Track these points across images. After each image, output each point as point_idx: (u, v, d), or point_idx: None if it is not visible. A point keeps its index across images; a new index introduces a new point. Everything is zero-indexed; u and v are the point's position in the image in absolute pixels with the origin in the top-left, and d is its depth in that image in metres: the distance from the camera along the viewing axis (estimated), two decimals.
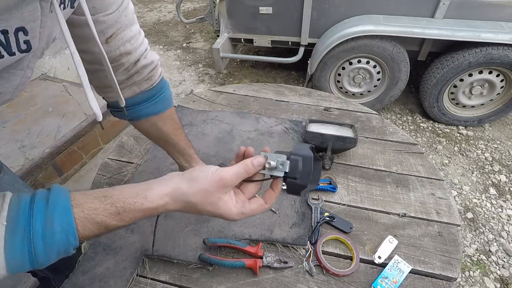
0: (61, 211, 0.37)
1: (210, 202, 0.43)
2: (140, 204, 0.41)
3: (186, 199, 0.42)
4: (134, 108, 0.64)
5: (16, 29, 0.35)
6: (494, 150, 2.14)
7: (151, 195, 0.41)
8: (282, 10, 2.24)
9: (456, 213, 0.79)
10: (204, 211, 0.43)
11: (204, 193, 0.42)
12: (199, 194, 0.42)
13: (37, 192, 0.39)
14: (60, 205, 0.37)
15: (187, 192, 0.42)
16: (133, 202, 0.40)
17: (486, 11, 1.89)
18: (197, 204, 0.43)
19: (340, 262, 0.70)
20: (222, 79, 2.97)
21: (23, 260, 0.35)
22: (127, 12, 0.55)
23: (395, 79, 2.18)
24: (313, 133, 0.92)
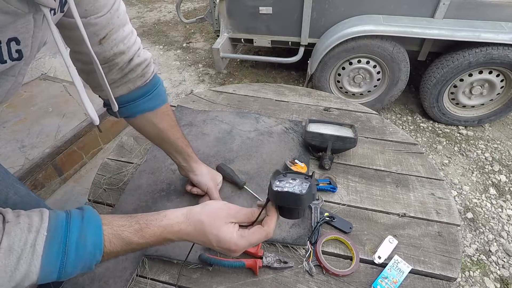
0: (93, 227, 0.42)
1: (216, 225, 0.47)
2: (159, 221, 0.46)
3: (199, 218, 0.48)
4: (129, 104, 0.65)
5: (9, 39, 0.37)
6: (494, 150, 2.14)
7: (170, 214, 0.48)
8: (282, 10, 2.24)
9: (456, 213, 0.79)
10: (210, 234, 0.47)
11: (213, 215, 0.48)
12: (209, 216, 0.48)
13: (71, 210, 0.44)
14: (93, 222, 0.42)
15: (200, 212, 0.48)
16: (154, 219, 0.46)
17: (486, 11, 1.89)
18: (206, 224, 0.47)
19: (340, 262, 0.70)
20: (222, 79, 2.97)
21: (54, 270, 0.39)
22: (119, 13, 0.56)
23: (395, 79, 2.18)
24: (313, 133, 0.92)
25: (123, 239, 0.44)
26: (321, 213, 0.77)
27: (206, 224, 0.47)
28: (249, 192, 0.82)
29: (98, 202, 0.82)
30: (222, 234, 0.47)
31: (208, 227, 0.47)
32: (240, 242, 0.47)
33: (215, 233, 0.47)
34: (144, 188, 0.84)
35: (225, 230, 0.47)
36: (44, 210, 0.41)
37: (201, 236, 0.48)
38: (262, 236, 0.48)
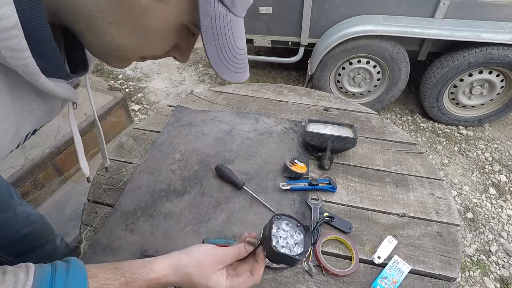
0: (78, 281, 0.42)
1: (205, 275, 0.46)
2: (146, 274, 0.45)
3: (186, 270, 0.47)
4: None
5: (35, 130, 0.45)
6: (494, 150, 2.14)
7: (156, 266, 0.47)
8: (282, 10, 2.24)
9: (455, 213, 0.79)
10: (199, 284, 0.47)
11: (201, 266, 0.47)
12: (197, 267, 0.47)
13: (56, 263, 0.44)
14: (78, 276, 0.42)
15: (187, 263, 0.47)
16: (139, 272, 0.45)
17: (486, 11, 1.89)
18: (194, 276, 0.46)
19: (339, 262, 0.70)
20: (222, 79, 2.97)
21: None
22: None
23: (395, 79, 2.18)
24: (312, 133, 0.92)
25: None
26: (320, 213, 0.77)
27: (194, 276, 0.47)
28: (248, 193, 0.82)
29: (97, 202, 0.82)
30: (211, 283, 0.47)
31: (197, 278, 0.47)
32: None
33: (204, 283, 0.47)
34: (144, 188, 0.84)
35: (215, 280, 0.47)
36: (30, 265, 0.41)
37: (190, 284, 0.47)
38: (251, 284, 0.49)
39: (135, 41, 0.38)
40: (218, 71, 0.40)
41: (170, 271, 0.47)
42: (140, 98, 2.76)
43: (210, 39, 0.37)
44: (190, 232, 0.74)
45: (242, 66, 0.43)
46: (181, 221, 0.76)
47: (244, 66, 0.44)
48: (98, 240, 0.72)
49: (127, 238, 0.72)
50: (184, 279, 0.47)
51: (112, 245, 0.71)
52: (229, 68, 0.41)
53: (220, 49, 0.38)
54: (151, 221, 0.76)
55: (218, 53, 0.39)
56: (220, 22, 0.36)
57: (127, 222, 0.76)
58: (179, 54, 0.44)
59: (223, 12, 0.36)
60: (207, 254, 0.48)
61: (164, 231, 0.74)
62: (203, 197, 0.82)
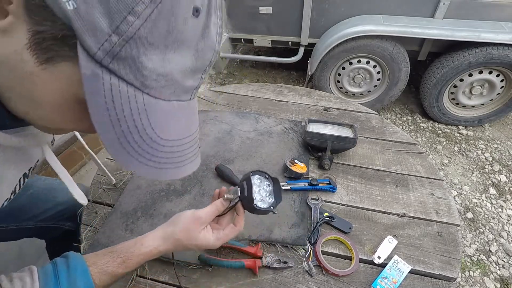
0: (81, 273, 0.45)
1: (192, 236, 0.52)
2: (138, 250, 0.51)
3: (175, 237, 0.52)
4: None
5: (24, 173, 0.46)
6: (494, 150, 2.14)
7: (146, 241, 0.52)
8: (282, 10, 2.24)
9: (455, 213, 0.79)
10: (189, 245, 0.52)
11: (186, 231, 0.52)
12: (183, 232, 0.52)
13: (56, 260, 0.47)
14: (79, 268, 0.46)
15: (174, 231, 0.52)
16: (133, 250, 0.51)
17: (486, 11, 1.89)
18: (183, 240, 0.52)
19: (339, 262, 0.70)
20: (222, 79, 2.97)
21: None
22: None
23: (395, 79, 2.18)
24: (312, 133, 0.92)
25: (109, 273, 0.48)
26: (320, 213, 0.77)
27: (183, 240, 0.52)
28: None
29: (97, 202, 0.82)
30: (200, 241, 0.52)
31: (186, 241, 0.52)
32: (217, 243, 0.54)
33: (193, 243, 0.52)
34: (144, 188, 0.84)
35: (202, 238, 0.52)
36: (33, 268, 0.44)
37: (182, 248, 0.53)
38: (236, 233, 0.55)
39: (35, 112, 0.32)
40: (123, 163, 0.31)
41: (160, 242, 0.52)
42: None
43: (105, 125, 0.28)
44: None
45: (172, 161, 0.33)
46: None
47: (175, 161, 0.34)
48: (98, 240, 0.72)
49: (127, 238, 0.72)
50: (175, 245, 0.52)
51: (112, 245, 0.71)
52: (142, 162, 0.31)
53: (123, 137, 0.29)
54: (151, 221, 0.76)
55: (121, 141, 0.29)
56: (122, 104, 0.28)
57: (127, 222, 0.76)
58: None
59: (127, 91, 0.28)
60: (190, 218, 0.53)
61: None
62: (203, 197, 0.82)
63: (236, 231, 0.55)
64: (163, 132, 0.32)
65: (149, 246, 0.51)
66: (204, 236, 0.52)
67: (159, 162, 0.32)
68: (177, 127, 0.33)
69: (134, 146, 0.30)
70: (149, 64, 0.27)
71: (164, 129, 0.32)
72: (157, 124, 0.31)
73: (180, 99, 0.32)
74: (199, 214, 0.53)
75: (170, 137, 0.33)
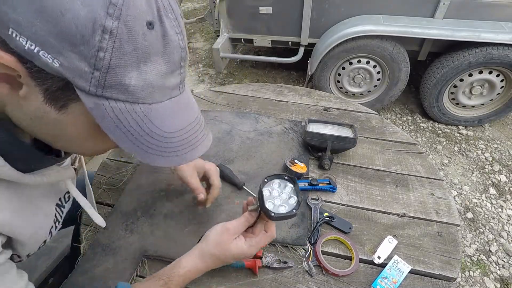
0: None
1: (224, 248, 0.54)
2: (177, 271, 0.54)
3: (209, 253, 0.55)
4: None
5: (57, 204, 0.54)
6: (494, 150, 2.14)
7: (184, 262, 0.55)
8: (282, 10, 2.24)
9: (455, 213, 0.79)
10: (225, 257, 0.55)
11: (218, 244, 0.54)
12: (216, 246, 0.55)
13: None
14: None
15: (208, 248, 0.55)
16: (172, 272, 0.54)
17: (486, 11, 1.89)
18: (217, 254, 0.54)
19: (339, 262, 0.70)
20: (222, 79, 2.97)
21: None
22: None
23: (395, 79, 2.18)
24: (312, 133, 0.92)
25: None
26: (320, 213, 0.77)
27: (218, 254, 0.55)
28: (248, 193, 0.82)
29: (98, 202, 0.82)
30: (233, 251, 0.54)
31: (222, 256, 0.55)
32: (250, 250, 0.55)
33: (228, 255, 0.54)
34: (144, 188, 0.84)
35: (234, 247, 0.54)
36: None
37: (220, 262, 0.56)
38: (269, 239, 0.56)
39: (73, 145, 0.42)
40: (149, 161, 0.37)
41: (198, 261, 0.55)
42: None
43: (121, 138, 0.35)
44: (190, 232, 0.74)
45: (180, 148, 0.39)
46: (181, 221, 0.76)
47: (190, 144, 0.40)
48: (98, 240, 0.72)
49: (127, 238, 0.72)
50: (212, 260, 0.55)
51: (112, 245, 0.71)
52: (161, 155, 0.37)
53: (138, 142, 0.36)
54: (151, 221, 0.76)
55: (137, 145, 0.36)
56: (126, 118, 0.34)
57: (127, 222, 0.76)
58: None
59: (125, 107, 0.33)
60: (219, 232, 0.55)
61: (164, 231, 0.74)
62: None
63: (268, 237, 0.57)
64: (167, 126, 0.37)
65: (187, 266, 0.55)
66: (236, 245, 0.54)
67: (176, 151, 0.38)
68: (178, 119, 0.39)
69: (149, 145, 0.36)
70: (131, 81, 0.32)
71: (167, 124, 0.37)
72: (160, 123, 0.36)
73: (171, 96, 0.37)
74: (228, 226, 0.56)
75: (176, 129, 0.38)
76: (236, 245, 0.54)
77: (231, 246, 0.54)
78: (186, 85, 0.40)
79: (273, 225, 0.57)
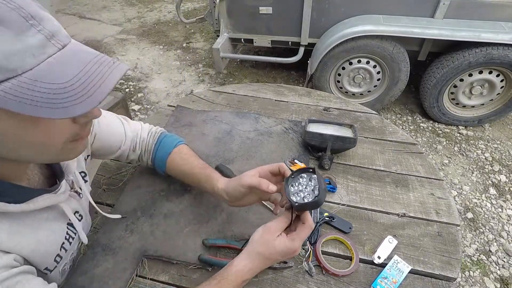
0: None
1: (269, 246, 0.56)
2: (229, 271, 0.56)
3: (256, 252, 0.57)
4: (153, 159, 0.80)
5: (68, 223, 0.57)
6: (494, 150, 2.14)
7: (235, 262, 0.57)
8: (282, 10, 2.24)
9: (455, 213, 0.79)
10: (271, 255, 0.56)
11: (263, 243, 0.57)
12: (261, 246, 0.57)
13: None
14: None
15: (254, 248, 0.57)
16: (225, 272, 0.57)
17: (486, 11, 1.89)
18: (264, 252, 0.56)
19: (339, 262, 0.70)
20: (222, 79, 2.97)
21: None
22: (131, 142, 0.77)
23: (395, 79, 2.18)
24: (312, 133, 0.92)
25: None
26: (320, 213, 0.77)
27: (264, 253, 0.56)
28: None
29: (98, 202, 0.82)
30: (279, 248, 0.55)
31: (267, 253, 0.56)
32: (294, 244, 0.55)
33: (273, 252, 0.56)
34: (144, 188, 0.84)
35: (278, 245, 0.55)
36: None
37: (267, 261, 0.58)
38: (307, 230, 0.57)
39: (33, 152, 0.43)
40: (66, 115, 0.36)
41: (247, 261, 0.57)
42: (140, 98, 2.76)
43: (35, 109, 0.34)
44: (190, 232, 0.74)
45: (93, 83, 0.38)
46: (181, 221, 0.76)
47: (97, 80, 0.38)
48: (98, 240, 0.72)
49: (127, 238, 0.72)
50: (260, 260, 0.57)
51: (112, 245, 0.71)
52: (78, 103, 0.36)
53: (48, 103, 0.35)
54: (151, 221, 0.76)
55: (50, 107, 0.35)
56: (21, 92, 0.34)
57: (127, 222, 0.76)
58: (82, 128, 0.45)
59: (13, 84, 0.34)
60: (263, 232, 0.58)
61: (164, 231, 0.74)
62: (203, 197, 0.81)
63: (306, 227, 0.57)
64: (62, 78, 0.36)
65: (237, 266, 0.57)
66: (279, 241, 0.56)
67: (87, 91, 0.37)
68: (71, 66, 0.38)
69: (59, 102, 0.35)
70: None
71: (60, 76, 0.36)
72: (53, 79, 0.36)
73: (49, 54, 0.36)
74: (269, 225, 0.58)
75: (72, 75, 0.37)
76: (279, 241, 0.56)
77: (275, 243, 0.55)
78: (65, 40, 0.39)
79: (307, 216, 0.58)
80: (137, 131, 0.79)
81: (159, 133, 0.81)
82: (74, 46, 0.40)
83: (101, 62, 0.40)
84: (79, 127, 0.44)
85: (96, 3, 4.72)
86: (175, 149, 0.78)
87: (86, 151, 0.68)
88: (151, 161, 0.80)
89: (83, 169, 0.65)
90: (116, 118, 0.76)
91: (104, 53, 0.50)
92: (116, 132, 0.74)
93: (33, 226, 0.48)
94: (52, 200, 0.51)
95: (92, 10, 4.50)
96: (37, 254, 0.48)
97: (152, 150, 0.79)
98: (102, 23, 4.13)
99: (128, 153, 0.78)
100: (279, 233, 0.57)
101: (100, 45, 3.55)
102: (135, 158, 0.80)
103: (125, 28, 3.98)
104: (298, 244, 0.56)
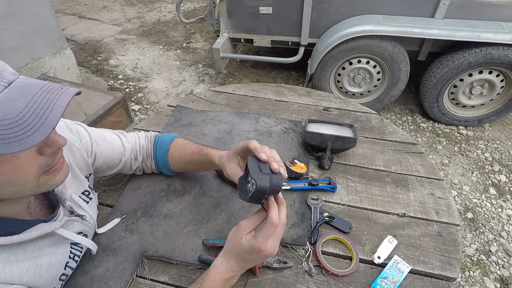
0: None
1: (238, 244, 0.55)
2: (209, 270, 0.58)
3: (229, 249, 0.58)
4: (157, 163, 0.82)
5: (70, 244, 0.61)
6: (494, 150, 2.14)
7: (214, 261, 0.59)
8: (282, 10, 2.24)
9: (455, 213, 0.79)
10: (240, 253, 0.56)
11: (235, 244, 0.56)
12: (233, 244, 0.57)
13: None
14: None
15: (227, 247, 0.59)
16: (206, 272, 0.58)
17: (486, 11, 1.89)
18: (234, 250, 0.57)
19: (339, 262, 0.70)
20: (222, 79, 2.97)
21: None
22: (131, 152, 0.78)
23: (395, 79, 2.18)
24: (312, 133, 0.92)
25: None
26: (320, 213, 0.77)
27: (235, 251, 0.57)
28: None
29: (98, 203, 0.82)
30: (245, 246, 0.54)
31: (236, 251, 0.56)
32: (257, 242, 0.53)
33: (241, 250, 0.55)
34: (144, 188, 0.84)
35: (245, 242, 0.55)
36: None
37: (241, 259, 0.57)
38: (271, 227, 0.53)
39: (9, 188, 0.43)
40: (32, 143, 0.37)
41: (222, 259, 0.58)
42: (140, 98, 2.76)
43: None
44: (190, 232, 0.74)
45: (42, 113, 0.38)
46: (181, 221, 0.76)
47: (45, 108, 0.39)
48: (98, 240, 0.72)
49: (127, 238, 0.72)
50: (233, 258, 0.57)
51: (112, 245, 0.71)
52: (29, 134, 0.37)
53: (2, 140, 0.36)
54: (151, 221, 0.76)
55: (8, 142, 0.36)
56: None
57: (127, 222, 0.76)
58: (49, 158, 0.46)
59: None
60: (235, 230, 0.58)
61: (164, 231, 0.74)
62: (203, 197, 0.82)
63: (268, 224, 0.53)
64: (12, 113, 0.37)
65: (215, 265, 0.58)
66: (245, 239, 0.55)
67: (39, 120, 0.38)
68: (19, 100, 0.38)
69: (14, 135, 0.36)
70: None
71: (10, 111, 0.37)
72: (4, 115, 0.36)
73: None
74: (240, 223, 0.57)
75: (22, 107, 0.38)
76: (245, 239, 0.55)
77: (241, 241, 0.55)
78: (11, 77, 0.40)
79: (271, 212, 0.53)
80: (135, 140, 0.80)
81: (153, 136, 0.83)
82: (21, 81, 0.40)
83: (48, 90, 0.41)
84: (47, 158, 0.45)
85: (96, 3, 4.72)
86: (171, 144, 0.80)
87: (88, 170, 0.69)
88: (155, 164, 0.82)
89: (86, 189, 0.67)
90: (111, 133, 0.78)
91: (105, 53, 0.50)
92: (115, 146, 0.75)
93: (33, 253, 0.51)
94: (45, 229, 0.52)
95: (92, 10, 4.50)
96: (39, 278, 0.50)
97: (152, 153, 0.81)
98: (102, 23, 4.13)
99: (131, 163, 0.79)
100: (248, 231, 0.56)
101: (100, 45, 3.55)
102: (139, 165, 0.82)
103: (125, 28, 3.98)
104: (261, 242, 0.52)
